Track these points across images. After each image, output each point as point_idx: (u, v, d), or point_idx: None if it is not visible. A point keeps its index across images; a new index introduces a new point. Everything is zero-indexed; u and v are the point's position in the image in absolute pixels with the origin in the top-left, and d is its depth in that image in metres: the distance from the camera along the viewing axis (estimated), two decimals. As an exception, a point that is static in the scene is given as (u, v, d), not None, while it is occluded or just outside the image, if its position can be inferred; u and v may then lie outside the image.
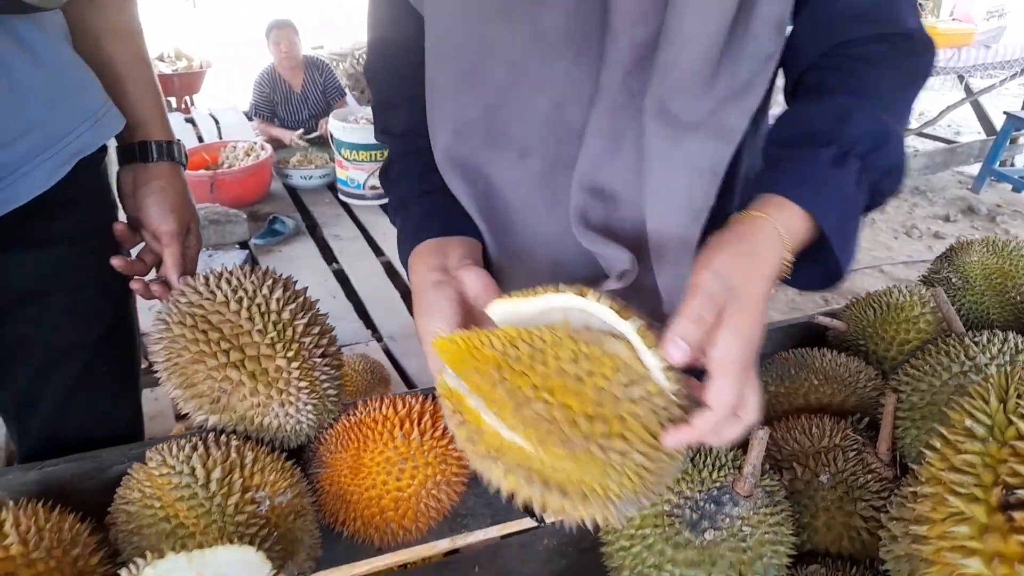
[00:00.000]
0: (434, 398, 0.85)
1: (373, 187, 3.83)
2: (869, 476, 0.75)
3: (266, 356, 0.76)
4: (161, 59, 5.53)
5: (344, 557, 0.82)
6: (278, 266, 3.16)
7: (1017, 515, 0.44)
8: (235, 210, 3.39)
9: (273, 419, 0.78)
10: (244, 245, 3.35)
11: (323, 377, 0.80)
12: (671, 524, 0.68)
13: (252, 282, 0.77)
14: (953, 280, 1.09)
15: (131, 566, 0.53)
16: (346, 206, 3.87)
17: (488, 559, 0.87)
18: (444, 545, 0.86)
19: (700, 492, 0.68)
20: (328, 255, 3.38)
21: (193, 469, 0.69)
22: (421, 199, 0.84)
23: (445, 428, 0.84)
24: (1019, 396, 0.49)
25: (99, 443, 0.84)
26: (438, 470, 0.81)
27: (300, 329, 0.78)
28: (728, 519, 0.66)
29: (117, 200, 1.00)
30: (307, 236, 3.53)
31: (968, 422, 0.49)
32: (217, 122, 4.96)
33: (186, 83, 5.56)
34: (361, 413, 0.82)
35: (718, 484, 0.68)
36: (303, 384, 0.78)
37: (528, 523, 0.88)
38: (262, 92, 4.45)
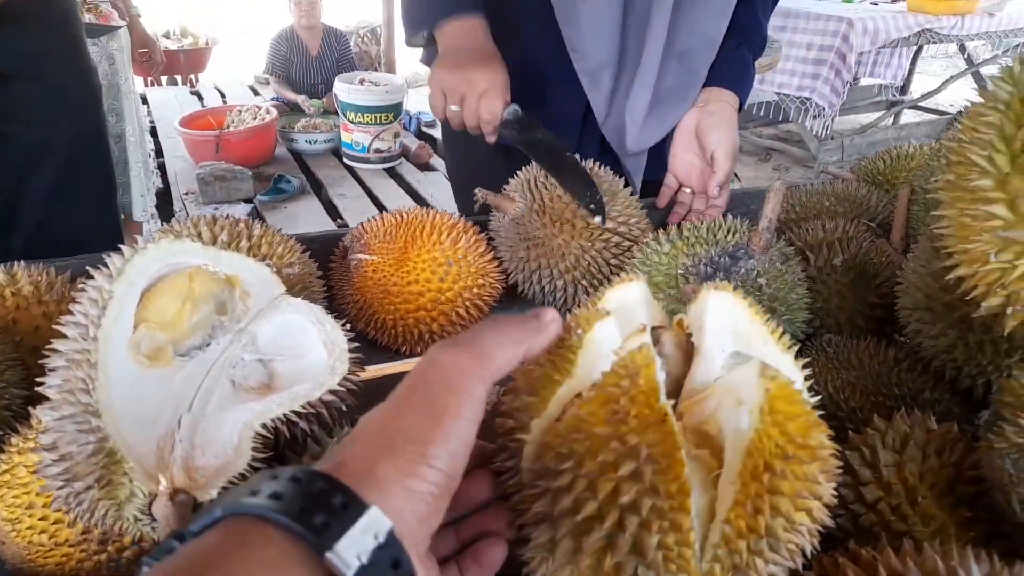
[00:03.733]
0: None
1: (378, 151, 3.84)
2: (883, 259, 0.74)
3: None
4: (167, 36, 5.55)
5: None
6: (282, 222, 3.19)
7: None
8: (240, 167, 3.39)
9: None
10: (249, 202, 3.35)
11: None
12: (685, 282, 0.67)
13: None
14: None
15: (152, 238, 0.52)
16: (351, 169, 3.87)
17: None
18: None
19: (715, 250, 0.67)
20: (333, 213, 3.38)
21: (200, 233, 0.69)
22: None
23: (487, 247, 0.84)
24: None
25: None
26: (476, 283, 0.81)
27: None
28: (743, 271, 0.66)
29: None
30: (312, 195, 3.53)
31: (991, 88, 0.49)
32: (223, 95, 4.98)
33: (192, 60, 5.57)
34: (409, 215, 0.82)
35: (732, 243, 0.68)
36: None
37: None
38: (278, 51, 4.39)
